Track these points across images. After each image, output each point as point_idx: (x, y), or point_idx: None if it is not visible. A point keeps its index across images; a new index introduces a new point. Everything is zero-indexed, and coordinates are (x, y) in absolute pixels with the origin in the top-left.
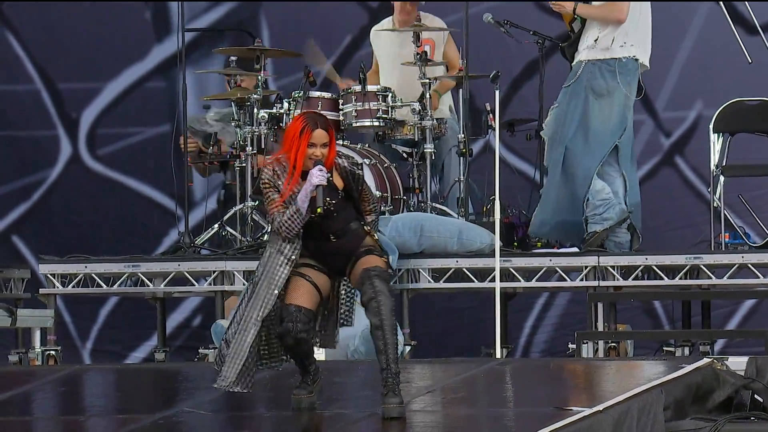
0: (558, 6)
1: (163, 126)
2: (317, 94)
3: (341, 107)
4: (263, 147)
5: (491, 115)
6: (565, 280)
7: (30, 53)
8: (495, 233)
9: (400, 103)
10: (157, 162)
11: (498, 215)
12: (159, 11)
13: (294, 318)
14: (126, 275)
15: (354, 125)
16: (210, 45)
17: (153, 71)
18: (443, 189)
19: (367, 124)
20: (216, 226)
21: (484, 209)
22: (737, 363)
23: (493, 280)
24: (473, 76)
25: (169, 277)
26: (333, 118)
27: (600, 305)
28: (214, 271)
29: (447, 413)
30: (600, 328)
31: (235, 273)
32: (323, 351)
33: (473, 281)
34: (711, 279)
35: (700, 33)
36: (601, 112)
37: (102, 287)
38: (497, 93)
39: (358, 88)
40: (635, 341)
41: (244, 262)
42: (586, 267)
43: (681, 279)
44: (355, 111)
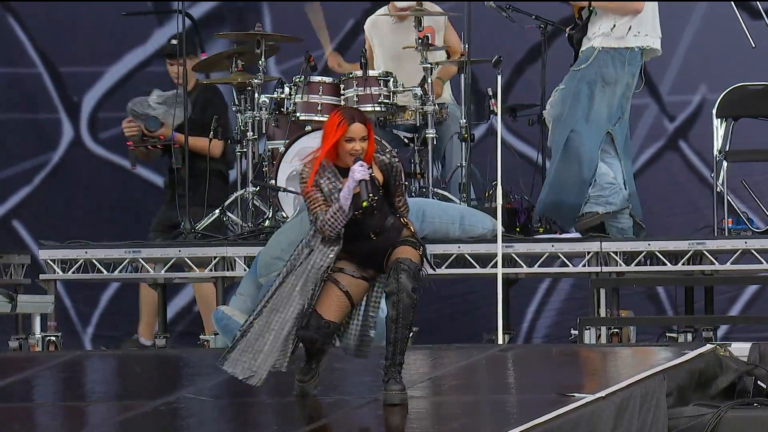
0: None
1: None
2: (318, 78)
3: (342, 92)
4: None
5: (493, 100)
6: (568, 265)
7: (32, 37)
8: (497, 219)
9: (401, 88)
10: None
11: (500, 200)
12: None
13: (320, 332)
14: (126, 261)
15: None
16: (212, 29)
17: (154, 55)
18: (445, 174)
19: (369, 109)
20: (217, 211)
21: (486, 194)
22: (740, 349)
23: (495, 265)
24: (475, 61)
25: (170, 263)
26: (334, 103)
27: (602, 291)
28: (215, 257)
29: (448, 400)
30: (602, 314)
31: (236, 259)
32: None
33: (475, 267)
34: (714, 265)
35: (704, 17)
36: (604, 99)
37: (102, 273)
38: (499, 78)
39: (359, 73)
40: (638, 327)
41: (245, 247)
42: (588, 253)
43: (684, 265)
44: (357, 96)
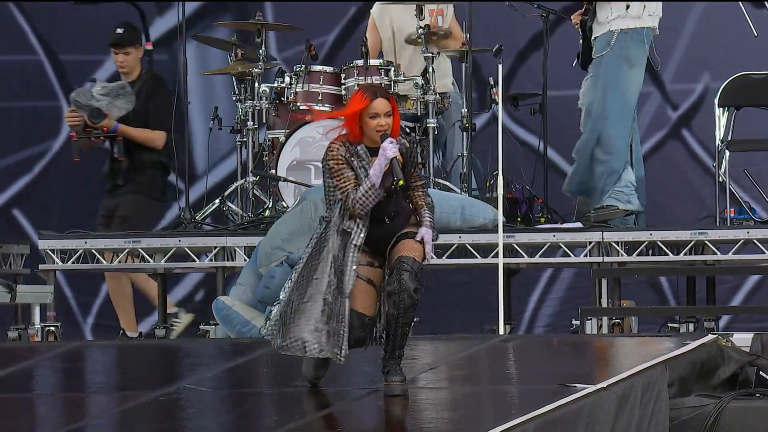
0: None
1: None
2: (319, 68)
3: (343, 81)
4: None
5: (495, 90)
6: (569, 255)
7: (33, 25)
8: (498, 209)
9: (402, 78)
10: None
11: (501, 190)
12: None
13: (365, 329)
14: (126, 251)
15: None
16: (212, 17)
17: (155, 44)
18: (446, 164)
19: None
20: (217, 201)
21: (487, 184)
22: (742, 339)
23: (497, 256)
24: (477, 50)
25: (170, 253)
26: (335, 92)
27: (604, 281)
28: (215, 247)
29: (449, 390)
30: (604, 304)
31: (236, 249)
32: None
33: (476, 257)
34: (716, 254)
35: (706, 5)
36: (632, 81)
37: (102, 263)
38: (500, 67)
39: (360, 62)
40: (639, 317)
41: (245, 237)
42: (590, 243)
43: (686, 255)
44: (357, 85)
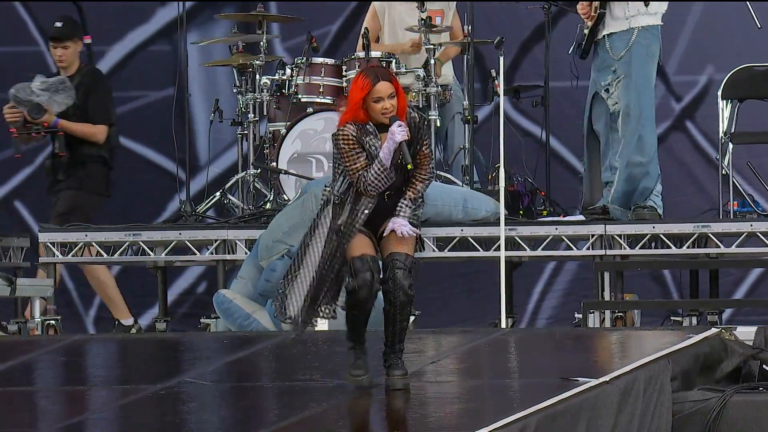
0: None
1: (168, 90)
2: (320, 60)
3: (344, 74)
4: None
5: (497, 82)
6: (572, 248)
7: (33, 15)
8: (500, 201)
9: (404, 70)
10: (161, 126)
11: (503, 183)
12: None
13: (370, 267)
14: (127, 244)
15: None
16: (213, 9)
17: (156, 34)
18: (447, 156)
19: None
20: (218, 194)
21: (489, 177)
22: (745, 333)
23: (499, 249)
24: (478, 41)
25: (170, 246)
26: (336, 84)
27: (606, 274)
28: (215, 240)
29: (451, 384)
30: (607, 297)
31: (237, 242)
32: (326, 321)
33: (478, 250)
34: (719, 247)
35: None
36: (655, 77)
37: (102, 256)
38: (501, 59)
39: (361, 54)
40: (642, 311)
41: (246, 230)
42: (592, 235)
43: (689, 248)
44: (359, 69)
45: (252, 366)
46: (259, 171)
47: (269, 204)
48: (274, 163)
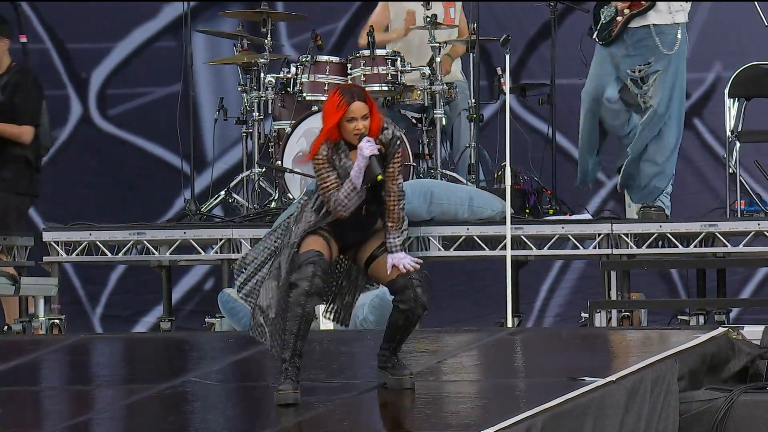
0: None
1: (174, 86)
2: (325, 58)
3: (349, 72)
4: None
5: (503, 80)
6: (578, 248)
7: (38, 12)
8: (506, 200)
9: (409, 68)
10: (169, 122)
11: (509, 182)
12: None
13: (315, 261)
14: (131, 243)
15: None
16: (219, 7)
17: (163, 31)
18: (453, 155)
19: (376, 88)
20: (222, 193)
21: (495, 176)
22: (753, 332)
23: (505, 247)
24: (484, 39)
25: (175, 245)
26: (341, 83)
27: (613, 274)
28: (220, 239)
29: (457, 384)
30: (613, 296)
31: (242, 241)
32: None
33: (484, 249)
34: (726, 247)
35: None
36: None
37: (107, 255)
38: (507, 57)
39: (366, 51)
40: (649, 310)
41: (251, 229)
42: (599, 234)
43: (696, 247)
44: (364, 75)
45: (257, 365)
46: (264, 170)
47: (274, 203)
48: (279, 162)
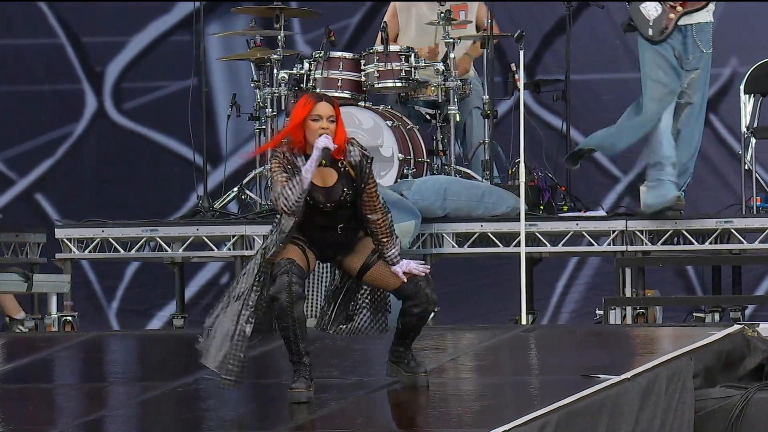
0: None
1: (189, 80)
2: (338, 54)
3: (363, 68)
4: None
5: (517, 76)
6: (593, 244)
7: (53, 7)
8: (520, 197)
9: (423, 64)
10: (183, 116)
11: (523, 178)
12: None
13: (288, 270)
14: (144, 240)
15: (376, 86)
16: (231, 3)
17: (178, 25)
18: (466, 151)
19: (390, 85)
20: (235, 189)
21: (509, 172)
22: None
23: (519, 244)
24: (498, 35)
25: (188, 242)
26: (355, 79)
27: (628, 270)
28: (233, 236)
29: (471, 381)
30: (628, 293)
31: (255, 237)
32: None
33: (498, 246)
34: (742, 243)
35: None
36: None
37: (120, 252)
38: (521, 53)
39: (380, 48)
40: (664, 307)
41: (264, 226)
42: (613, 231)
43: (711, 243)
44: (377, 72)
45: (270, 363)
46: None
47: None
48: None
